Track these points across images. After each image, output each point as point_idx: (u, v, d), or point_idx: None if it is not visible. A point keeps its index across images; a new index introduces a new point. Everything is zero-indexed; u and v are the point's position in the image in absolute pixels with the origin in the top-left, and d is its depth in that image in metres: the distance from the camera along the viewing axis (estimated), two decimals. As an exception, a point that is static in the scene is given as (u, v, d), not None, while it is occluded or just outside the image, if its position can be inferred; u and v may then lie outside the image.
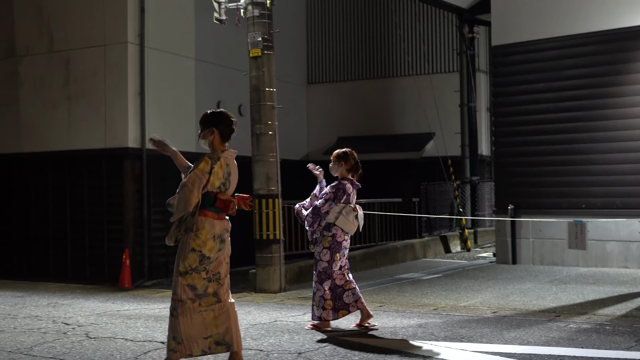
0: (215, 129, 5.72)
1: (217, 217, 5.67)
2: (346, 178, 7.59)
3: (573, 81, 12.97)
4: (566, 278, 11.36)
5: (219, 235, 5.67)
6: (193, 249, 5.58)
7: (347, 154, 7.63)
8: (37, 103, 15.05)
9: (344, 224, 7.43)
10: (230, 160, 5.77)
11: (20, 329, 7.86)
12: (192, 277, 5.58)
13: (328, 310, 7.42)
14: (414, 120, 19.81)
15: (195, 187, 5.51)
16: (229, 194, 5.76)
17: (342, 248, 7.51)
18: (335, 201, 7.45)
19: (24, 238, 15.22)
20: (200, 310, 5.58)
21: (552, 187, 13.08)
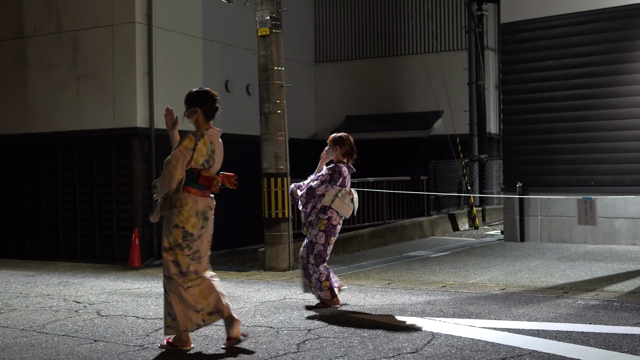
0: (198, 108, 5.83)
1: (200, 194, 5.76)
2: (342, 162, 7.60)
3: (582, 58, 12.92)
4: (574, 255, 11.38)
5: (202, 212, 5.77)
6: (176, 225, 5.69)
7: (343, 139, 7.62)
8: (46, 84, 15.09)
9: (339, 207, 7.46)
10: (215, 138, 5.88)
11: (32, 307, 7.94)
12: (176, 253, 5.70)
13: (326, 291, 7.47)
14: (422, 99, 19.78)
15: (179, 163, 5.62)
16: (213, 171, 5.85)
17: (336, 232, 7.56)
18: (331, 183, 7.47)
19: (35, 218, 15.32)
20: (187, 287, 5.69)
21: (561, 164, 13.07)
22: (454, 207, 17.50)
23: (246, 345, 5.83)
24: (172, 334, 5.77)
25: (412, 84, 20.16)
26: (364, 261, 11.67)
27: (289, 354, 5.52)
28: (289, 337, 6.11)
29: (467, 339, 5.85)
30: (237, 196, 16.46)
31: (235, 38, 16.69)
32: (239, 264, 12.97)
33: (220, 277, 10.12)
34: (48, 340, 6.23)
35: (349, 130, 19.87)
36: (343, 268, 10.85)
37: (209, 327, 6.58)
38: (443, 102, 18.15)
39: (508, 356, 5.29)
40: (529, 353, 5.36)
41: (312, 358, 5.39)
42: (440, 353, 5.44)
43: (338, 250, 12.61)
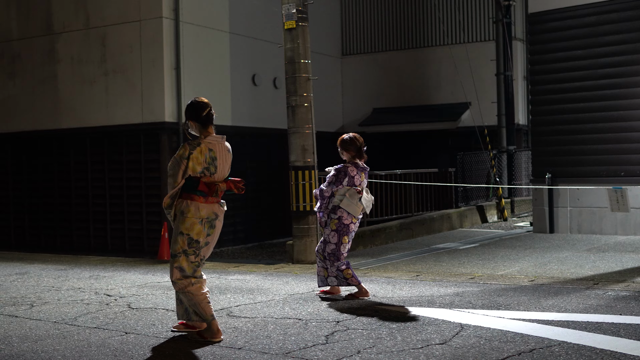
0: (190, 121, 5.96)
1: (203, 200, 5.87)
2: (352, 162, 7.65)
3: (610, 47, 12.78)
4: (604, 246, 11.28)
5: (206, 219, 5.88)
6: (181, 232, 5.83)
7: (348, 143, 7.66)
8: (75, 79, 15.24)
9: (347, 206, 7.51)
10: (216, 145, 5.94)
11: (64, 300, 8.04)
12: (181, 260, 5.83)
13: (350, 278, 7.57)
14: (449, 90, 19.69)
15: (175, 171, 5.81)
16: (217, 177, 5.94)
17: (350, 231, 7.60)
18: (336, 184, 7.54)
19: (65, 213, 15.50)
20: (193, 283, 5.84)
21: (590, 154, 12.96)
22: (482, 199, 17.43)
23: (275, 336, 5.87)
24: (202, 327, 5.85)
25: (439, 76, 20.08)
26: (392, 253, 11.67)
27: (317, 346, 5.55)
28: (318, 328, 6.13)
29: (496, 330, 5.83)
30: (265, 189, 16.56)
31: (262, 31, 16.73)
32: (268, 257, 13.03)
33: (248, 270, 10.24)
34: (80, 332, 6.32)
35: (377, 123, 20.04)
36: (371, 260, 10.87)
37: (238, 319, 6.64)
38: (471, 93, 18.05)
39: (537, 347, 5.27)
40: (558, 344, 5.34)
41: (341, 349, 5.41)
42: (468, 344, 5.43)
43: (366, 242, 12.62)
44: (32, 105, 15.85)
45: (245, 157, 15.73)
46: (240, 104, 16.07)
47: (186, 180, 5.82)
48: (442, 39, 20.16)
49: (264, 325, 6.33)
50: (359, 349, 5.39)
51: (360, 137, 7.75)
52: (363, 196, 7.60)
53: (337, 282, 7.65)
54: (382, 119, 20.32)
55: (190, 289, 5.82)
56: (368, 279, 8.85)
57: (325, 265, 7.64)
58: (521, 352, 5.15)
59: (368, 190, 7.77)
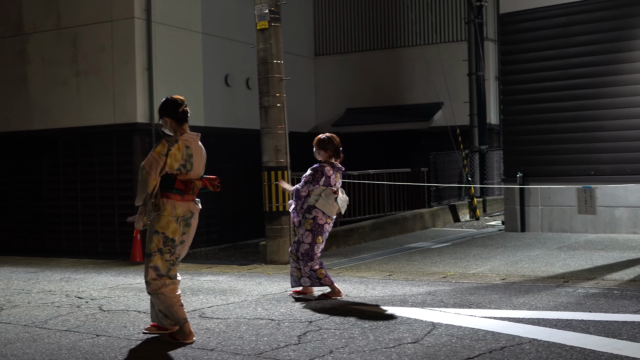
0: (166, 117, 5.92)
1: (179, 198, 5.83)
2: (327, 161, 7.65)
3: (581, 48, 12.91)
4: (575, 244, 11.40)
5: (182, 217, 5.85)
6: (156, 231, 5.79)
7: (325, 142, 7.66)
8: (46, 80, 15.12)
9: (323, 207, 7.51)
10: (192, 142, 5.93)
11: (34, 303, 7.97)
12: (157, 259, 5.80)
13: (324, 278, 7.58)
14: (422, 91, 19.78)
15: (152, 169, 5.70)
16: (192, 175, 5.90)
17: (324, 231, 7.60)
18: (313, 183, 7.53)
19: (37, 215, 15.36)
20: (166, 284, 5.81)
21: (561, 154, 13.08)
22: (455, 198, 17.52)
23: (247, 337, 5.87)
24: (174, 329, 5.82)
25: (412, 76, 20.16)
26: (365, 253, 11.70)
27: (290, 346, 5.55)
28: (290, 329, 6.14)
29: (468, 329, 5.88)
30: (238, 190, 16.52)
31: (235, 32, 16.70)
32: (241, 258, 13.01)
33: (221, 271, 10.21)
34: (50, 335, 6.27)
35: (350, 123, 20.07)
36: (344, 260, 10.89)
37: (210, 320, 6.62)
38: (443, 93, 18.14)
39: (508, 345, 5.32)
40: (529, 342, 5.39)
41: (313, 350, 5.42)
42: (440, 343, 5.47)
43: (339, 242, 12.64)
44: (3, 107, 15.69)
45: (218, 158, 15.65)
46: (213, 104, 16.03)
47: (162, 177, 5.77)
48: (414, 39, 20.25)
49: (236, 326, 6.32)
50: (332, 349, 5.41)
51: (337, 137, 7.76)
52: (339, 196, 7.60)
53: (310, 282, 7.66)
54: (355, 119, 20.36)
55: (164, 290, 5.79)
56: (341, 279, 8.87)
57: (299, 265, 7.65)
58: (492, 350, 5.19)
59: (343, 190, 7.77)
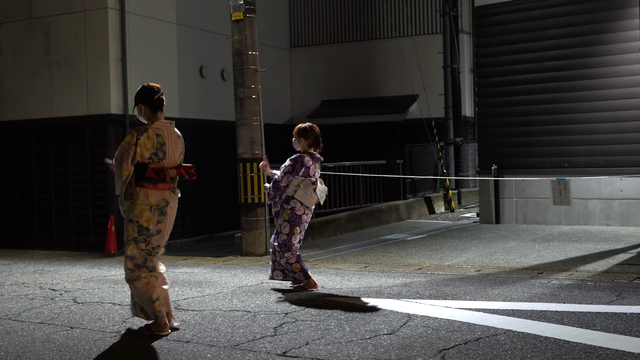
0: (141, 104, 5.94)
1: (152, 187, 5.82)
2: (307, 152, 7.63)
3: (556, 41, 12.99)
4: (549, 236, 11.48)
5: (156, 206, 5.84)
6: (131, 220, 5.82)
7: (307, 130, 7.65)
8: (18, 71, 14.94)
9: (302, 197, 7.50)
10: (164, 130, 5.92)
11: (7, 295, 7.89)
12: (132, 248, 5.82)
13: (298, 272, 7.57)
14: (397, 83, 19.81)
15: (123, 159, 5.74)
16: (167, 163, 5.90)
17: (302, 222, 7.59)
18: (292, 174, 7.51)
19: (9, 208, 15.19)
20: (141, 277, 5.81)
21: (535, 146, 13.16)
22: (430, 191, 17.59)
23: (223, 329, 5.85)
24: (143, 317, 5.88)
25: (387, 68, 20.18)
26: (340, 245, 11.71)
27: (266, 338, 5.54)
28: (266, 320, 6.13)
29: (443, 320, 5.90)
30: (214, 182, 16.45)
31: (210, 23, 16.60)
32: (216, 250, 12.96)
33: (197, 263, 10.17)
34: (24, 327, 6.21)
35: (325, 115, 20.05)
36: (320, 252, 10.89)
37: (186, 312, 6.60)
38: (418, 86, 18.19)
39: (483, 336, 5.35)
40: (504, 332, 5.42)
41: (290, 341, 5.41)
42: (416, 334, 5.48)
43: (315, 234, 12.64)
44: (-26, 97, 15.49)
45: (194, 149, 15.57)
46: (188, 95, 15.94)
47: (135, 167, 5.77)
48: (390, 31, 20.26)
49: (212, 318, 6.30)
50: (308, 341, 5.40)
51: (317, 127, 7.74)
52: (317, 187, 7.59)
53: (282, 275, 7.65)
54: (330, 111, 20.35)
55: (137, 284, 5.78)
56: (317, 271, 8.87)
57: (275, 257, 7.63)
58: (468, 341, 5.22)
59: (322, 180, 7.76)
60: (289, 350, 5.15)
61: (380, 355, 4.97)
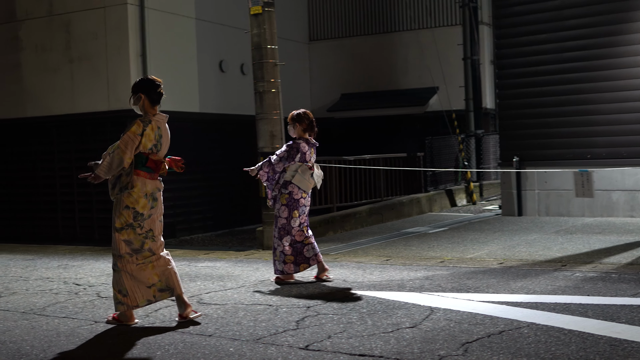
0: (142, 94, 6.08)
1: (149, 176, 6.03)
2: (302, 138, 7.81)
3: (576, 31, 12.88)
4: (572, 228, 11.41)
5: (150, 194, 6.04)
6: (127, 206, 5.99)
7: (301, 115, 7.86)
8: (39, 67, 15.03)
9: (299, 182, 7.70)
10: (162, 123, 6.12)
11: (32, 290, 7.96)
12: (128, 233, 5.99)
13: (289, 264, 7.73)
14: (417, 75, 19.73)
15: (127, 148, 5.92)
16: (160, 155, 6.10)
17: (300, 205, 7.76)
18: (288, 160, 7.71)
19: (32, 203, 15.32)
20: (138, 264, 5.98)
21: (557, 138, 13.07)
22: (451, 183, 17.52)
23: (245, 323, 5.86)
24: (122, 310, 6.00)
25: (406, 61, 20.10)
26: (362, 238, 11.70)
27: (288, 331, 5.54)
28: (288, 314, 6.13)
29: (466, 313, 5.87)
30: (234, 176, 16.47)
31: (229, 18, 16.61)
32: (238, 244, 13.00)
33: (218, 257, 10.19)
34: (49, 322, 6.26)
35: (345, 108, 20.04)
36: (341, 245, 10.88)
37: (208, 306, 6.61)
38: (438, 78, 18.11)
39: (506, 329, 5.32)
40: (527, 325, 5.39)
41: (312, 334, 5.41)
42: (438, 327, 5.46)
43: (336, 228, 12.64)
44: (-4, 94, 15.61)
45: (214, 144, 15.65)
46: (208, 90, 15.96)
47: (135, 156, 5.95)
48: (409, 23, 20.17)
49: (234, 312, 6.31)
50: (330, 334, 5.40)
51: (310, 112, 7.93)
52: (314, 172, 7.80)
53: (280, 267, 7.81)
54: (350, 104, 20.31)
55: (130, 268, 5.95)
56: (338, 264, 8.87)
57: (274, 244, 7.81)
58: (490, 334, 5.19)
59: (318, 165, 7.96)
60: (311, 344, 5.15)
61: (402, 348, 4.95)
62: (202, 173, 15.16)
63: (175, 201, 14.49)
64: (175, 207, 14.49)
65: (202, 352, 5.09)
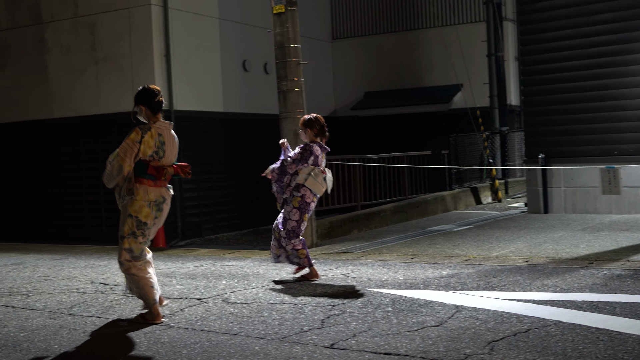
0: (142, 105, 6.24)
1: (152, 184, 6.09)
2: (315, 142, 7.86)
3: (602, 26, 12.75)
4: (599, 225, 11.31)
5: (154, 202, 6.10)
6: (130, 215, 6.07)
7: (312, 120, 7.92)
8: (65, 68, 15.15)
9: (312, 185, 7.73)
10: (164, 130, 6.22)
11: (59, 290, 8.03)
12: (130, 241, 6.07)
13: (303, 259, 7.81)
14: (441, 73, 19.64)
15: (127, 155, 6.00)
16: (165, 162, 6.17)
17: (309, 209, 7.85)
18: (301, 162, 7.74)
19: (59, 203, 15.44)
20: (139, 267, 6.11)
21: (583, 134, 12.95)
22: (476, 181, 17.43)
23: (271, 321, 5.87)
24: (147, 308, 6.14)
25: (430, 58, 20.02)
26: (386, 237, 11.68)
27: (313, 330, 5.55)
28: (313, 313, 6.14)
29: (492, 311, 5.85)
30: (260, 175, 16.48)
31: (251, 17, 16.63)
32: (263, 243, 13.01)
33: (244, 256, 10.23)
34: (76, 321, 6.31)
35: (369, 106, 20.01)
36: (366, 244, 10.87)
37: (234, 305, 6.63)
38: (462, 75, 18.01)
39: (533, 327, 5.29)
40: (554, 324, 5.35)
41: (337, 333, 5.41)
42: (464, 325, 5.44)
43: (360, 226, 12.62)
44: (23, 96, 15.75)
45: (238, 143, 15.68)
46: (232, 90, 16.00)
47: (136, 164, 6.02)
48: (432, 21, 20.09)
49: (259, 311, 6.33)
50: (355, 333, 5.40)
51: (322, 117, 7.99)
52: (327, 176, 7.84)
53: (287, 261, 7.89)
54: (374, 102, 20.27)
55: (135, 271, 6.07)
56: (363, 263, 8.86)
57: (281, 243, 7.83)
58: (517, 333, 5.17)
59: (329, 170, 8.00)
60: (336, 343, 5.16)
61: (428, 347, 4.94)
62: (226, 172, 15.21)
63: (200, 200, 14.55)
64: (200, 207, 14.55)
65: (227, 351, 5.11)
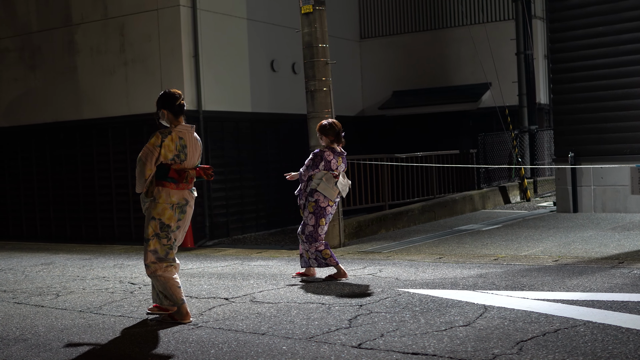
0: (163, 109, 6.29)
1: (174, 187, 6.18)
2: (329, 147, 7.96)
3: (632, 23, 12.61)
4: (629, 225, 11.19)
5: (177, 205, 6.19)
6: (153, 217, 6.17)
7: (327, 127, 8.03)
8: (95, 70, 15.29)
9: (324, 190, 7.86)
10: (186, 134, 6.27)
11: (89, 289, 8.11)
12: (155, 243, 6.16)
13: (329, 258, 7.87)
14: (469, 71, 19.54)
15: (148, 159, 6.08)
16: (187, 165, 6.24)
17: (327, 213, 7.93)
18: (312, 168, 7.89)
19: (89, 203, 15.59)
20: (164, 268, 6.15)
21: (613, 132, 12.82)
22: (505, 180, 17.32)
23: (298, 321, 5.89)
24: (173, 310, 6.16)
25: (458, 57, 19.92)
26: (414, 236, 11.65)
27: (340, 330, 5.55)
28: (341, 312, 6.14)
29: (520, 311, 5.81)
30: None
31: (279, 17, 16.67)
32: (290, 242, 13.04)
33: (271, 256, 10.26)
34: (105, 321, 6.37)
35: (397, 105, 19.97)
36: (394, 243, 10.85)
37: (261, 304, 6.65)
38: (491, 73, 17.91)
39: (562, 327, 5.25)
40: (583, 324, 5.30)
41: (364, 333, 5.41)
42: (492, 325, 5.41)
43: (388, 225, 12.61)
44: (54, 97, 15.93)
45: (266, 143, 15.73)
46: (260, 90, 16.05)
47: (157, 167, 6.10)
48: (461, 19, 19.99)
49: (287, 310, 6.35)
50: (383, 332, 5.39)
51: (339, 123, 8.08)
52: (339, 180, 7.93)
53: (317, 263, 7.94)
54: (402, 101, 20.22)
55: (161, 272, 6.12)
56: (391, 262, 8.85)
57: (306, 247, 7.93)
58: (546, 333, 5.13)
59: (345, 174, 8.10)
60: (363, 342, 5.15)
61: (456, 347, 4.92)
62: (254, 172, 15.26)
63: (228, 200, 14.61)
64: (228, 207, 14.61)
65: (255, 351, 5.13)
